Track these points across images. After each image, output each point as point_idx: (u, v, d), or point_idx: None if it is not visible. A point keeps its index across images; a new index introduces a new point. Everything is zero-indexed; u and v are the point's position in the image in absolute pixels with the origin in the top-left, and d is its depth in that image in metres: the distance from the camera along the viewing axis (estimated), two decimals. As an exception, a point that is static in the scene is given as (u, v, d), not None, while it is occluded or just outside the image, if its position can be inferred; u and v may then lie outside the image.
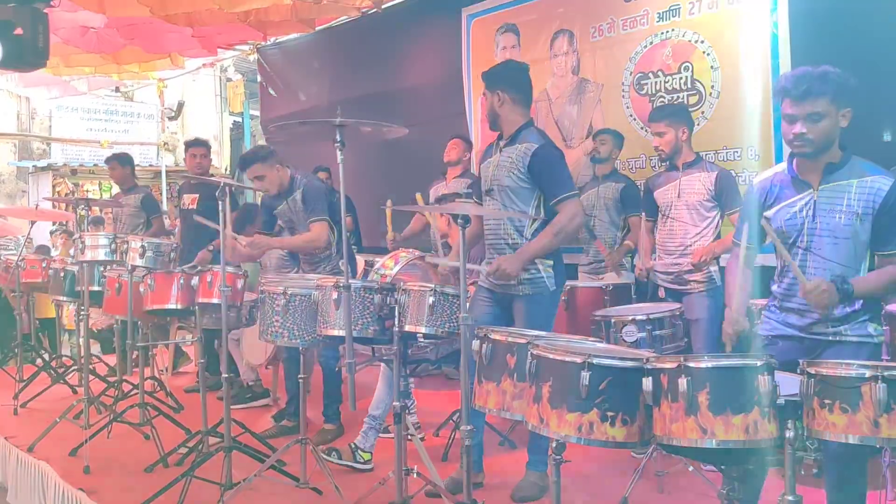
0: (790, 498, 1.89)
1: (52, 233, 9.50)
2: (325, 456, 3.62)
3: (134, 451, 4.24)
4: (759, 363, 1.86)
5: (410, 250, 3.79)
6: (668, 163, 3.98)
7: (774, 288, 2.62)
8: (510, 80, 3.46)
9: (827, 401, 1.84)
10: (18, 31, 4.56)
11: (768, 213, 2.55)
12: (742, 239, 2.64)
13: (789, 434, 1.85)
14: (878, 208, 2.39)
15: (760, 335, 2.62)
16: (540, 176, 3.31)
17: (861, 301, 2.43)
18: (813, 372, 1.88)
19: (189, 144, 5.89)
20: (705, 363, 1.88)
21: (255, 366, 5.26)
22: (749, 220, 2.65)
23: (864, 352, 2.42)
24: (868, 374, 1.82)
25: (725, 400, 1.84)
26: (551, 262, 3.39)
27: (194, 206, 5.73)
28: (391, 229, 5.50)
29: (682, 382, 1.86)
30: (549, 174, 3.31)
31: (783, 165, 2.59)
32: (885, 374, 1.81)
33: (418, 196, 5.15)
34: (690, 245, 3.86)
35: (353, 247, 6.62)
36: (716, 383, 1.85)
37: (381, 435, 3.97)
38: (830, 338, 2.47)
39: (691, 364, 1.88)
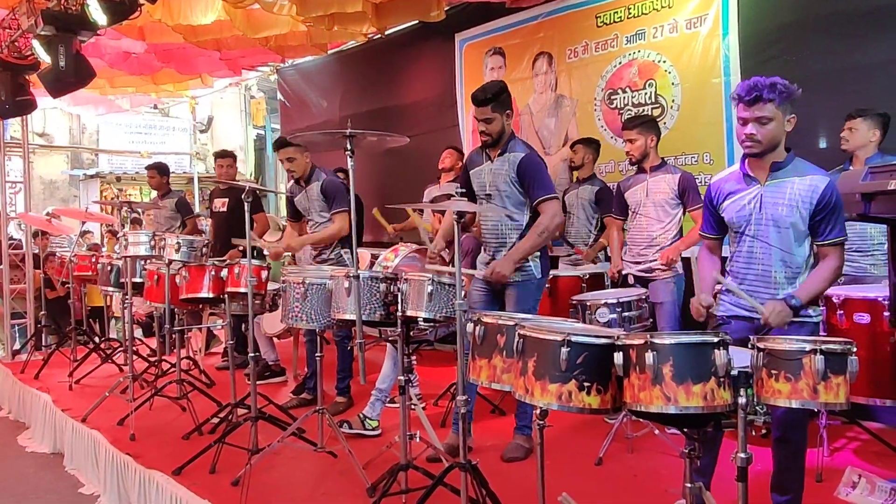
0: (742, 455, 1.90)
1: (83, 234, 9.44)
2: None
3: (172, 421, 4.25)
4: (715, 339, 1.86)
5: (409, 244, 3.79)
6: (637, 167, 3.98)
7: (729, 269, 2.62)
8: (510, 101, 3.45)
9: (774, 371, 1.85)
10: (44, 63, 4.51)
11: (723, 205, 2.57)
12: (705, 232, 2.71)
13: (742, 400, 1.85)
14: (815, 204, 2.40)
15: (717, 315, 2.62)
16: (525, 180, 3.34)
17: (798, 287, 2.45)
18: (762, 346, 1.88)
19: (217, 155, 5.87)
20: (669, 339, 1.88)
21: (271, 335, 5.27)
22: (705, 214, 2.69)
23: (806, 330, 2.43)
24: (808, 347, 1.83)
25: (686, 371, 1.84)
26: (538, 254, 3.42)
27: (224, 209, 5.71)
28: (389, 225, 5.55)
29: (649, 356, 1.86)
30: (533, 179, 3.33)
31: (736, 166, 2.59)
32: (823, 347, 1.82)
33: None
34: (657, 238, 3.86)
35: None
36: (678, 357, 1.85)
37: (387, 405, 3.97)
38: None
39: (657, 340, 1.88)
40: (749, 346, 1.92)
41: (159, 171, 6.39)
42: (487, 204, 3.43)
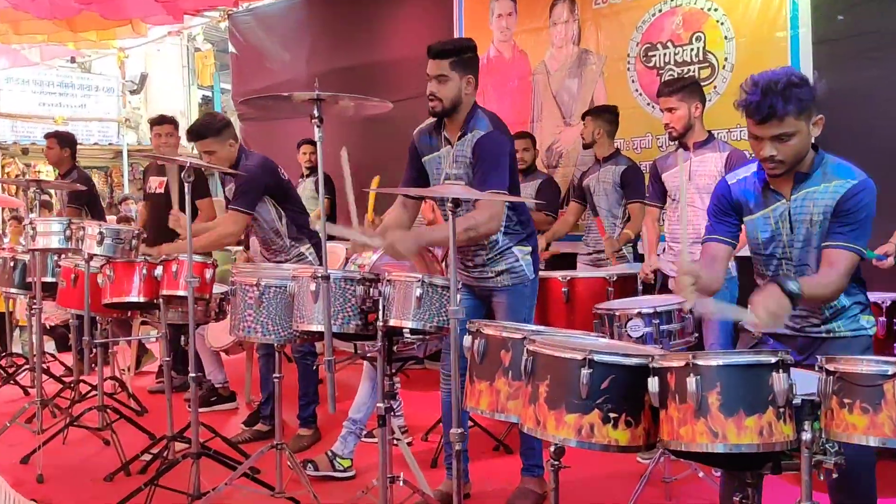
0: (807, 504, 1.91)
1: None
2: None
3: (92, 458, 4.24)
4: (773, 360, 1.87)
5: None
6: (677, 142, 3.99)
7: (760, 283, 2.63)
8: (477, 66, 3.37)
9: (847, 400, 1.85)
10: None
11: (747, 219, 2.58)
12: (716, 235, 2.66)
13: (806, 436, 1.87)
14: (834, 206, 2.41)
15: (750, 333, 2.64)
16: (476, 162, 3.26)
17: (853, 297, 2.48)
18: (832, 369, 1.89)
19: (154, 122, 5.84)
20: (716, 360, 1.89)
21: (218, 349, 5.26)
22: (718, 217, 2.64)
23: (859, 345, 2.46)
24: (891, 370, 1.82)
25: (738, 400, 1.85)
26: (529, 249, 3.42)
27: (161, 191, 5.70)
28: (372, 212, 5.51)
29: (691, 382, 1.87)
30: (484, 164, 3.23)
31: (753, 167, 2.59)
32: (910, 370, 1.83)
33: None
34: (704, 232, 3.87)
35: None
36: (727, 382, 1.86)
37: (364, 439, 3.98)
38: (823, 335, 2.51)
39: (701, 362, 1.89)
40: (816, 368, 1.93)
41: (61, 142, 6.24)
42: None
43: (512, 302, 3.39)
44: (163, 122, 5.79)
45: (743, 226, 2.61)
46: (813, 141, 2.44)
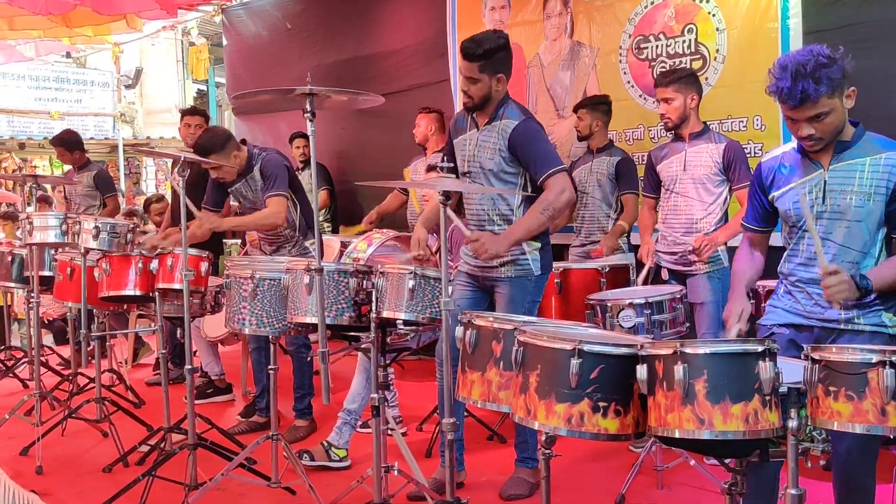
0: (793, 491, 1.92)
1: None
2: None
3: (90, 450, 4.26)
4: (760, 349, 1.88)
5: (385, 231, 3.82)
6: (672, 133, 4.00)
7: (783, 269, 2.65)
8: (509, 62, 3.45)
9: (832, 388, 1.86)
10: None
11: (776, 194, 2.61)
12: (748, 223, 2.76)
13: (792, 423, 1.88)
14: (894, 187, 2.43)
15: (764, 325, 2.65)
16: (522, 154, 3.34)
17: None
18: (817, 357, 1.90)
19: (185, 112, 5.86)
20: (703, 349, 1.90)
21: (214, 339, 5.26)
22: (752, 201, 2.73)
23: (878, 342, 2.45)
24: (875, 359, 1.84)
25: (724, 388, 1.87)
26: (538, 245, 3.43)
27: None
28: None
29: (678, 370, 1.88)
30: (532, 151, 3.33)
31: (793, 143, 2.62)
32: (894, 359, 1.83)
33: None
34: (697, 222, 3.89)
35: (328, 224, 6.65)
36: (714, 370, 1.88)
37: (359, 430, 4.00)
38: (843, 326, 2.51)
39: (688, 350, 1.90)
40: (802, 356, 1.95)
41: (67, 147, 6.50)
42: (470, 183, 3.44)
43: (513, 294, 3.40)
44: (195, 112, 5.87)
45: (777, 204, 2.62)
46: (847, 112, 2.46)
